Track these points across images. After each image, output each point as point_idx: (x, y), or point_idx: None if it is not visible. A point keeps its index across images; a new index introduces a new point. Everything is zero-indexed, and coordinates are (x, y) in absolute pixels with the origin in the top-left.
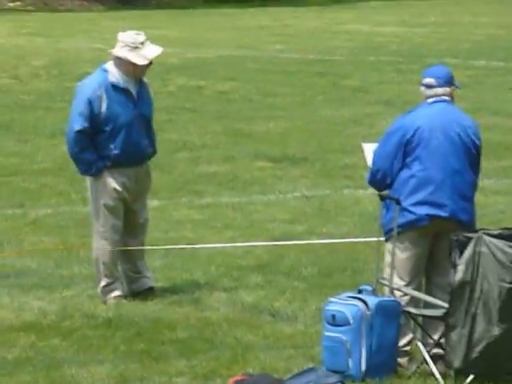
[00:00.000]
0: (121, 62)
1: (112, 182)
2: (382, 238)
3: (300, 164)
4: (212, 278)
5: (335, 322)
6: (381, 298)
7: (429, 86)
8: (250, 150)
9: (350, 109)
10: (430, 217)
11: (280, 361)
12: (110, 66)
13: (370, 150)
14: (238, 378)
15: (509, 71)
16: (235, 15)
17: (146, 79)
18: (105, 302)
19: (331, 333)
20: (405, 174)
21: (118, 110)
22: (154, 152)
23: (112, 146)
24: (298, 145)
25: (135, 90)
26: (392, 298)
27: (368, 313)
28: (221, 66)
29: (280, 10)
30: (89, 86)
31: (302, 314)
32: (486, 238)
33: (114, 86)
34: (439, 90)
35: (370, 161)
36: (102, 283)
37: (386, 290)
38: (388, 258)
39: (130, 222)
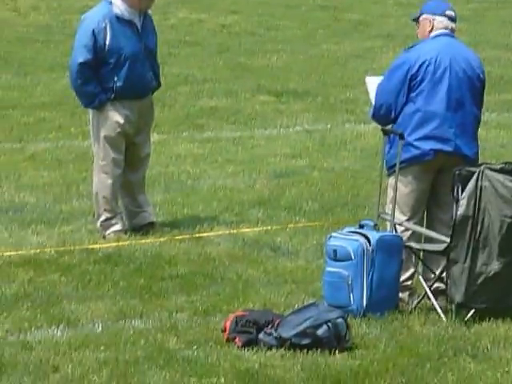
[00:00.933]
0: None
1: (115, 115)
2: (385, 172)
3: (302, 98)
4: (213, 213)
5: (337, 257)
6: (382, 233)
7: (452, 19)
8: (252, 84)
9: (351, 42)
10: (435, 151)
11: (281, 296)
12: None
13: (373, 83)
14: (239, 313)
15: (510, 4)
16: None
17: (150, 12)
18: (104, 237)
19: (333, 268)
20: (409, 108)
21: (123, 41)
22: (159, 85)
23: (116, 78)
24: (299, 79)
25: (140, 22)
26: (393, 233)
27: (369, 248)
28: None
29: None
30: (93, 18)
31: (303, 249)
32: (488, 172)
33: (119, 18)
34: (453, 24)
35: (372, 95)
36: (102, 218)
37: (388, 224)
38: (390, 193)
39: (131, 155)
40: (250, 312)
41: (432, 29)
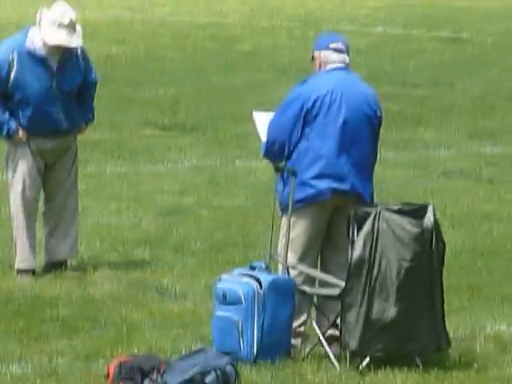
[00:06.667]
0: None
1: (25, 148)
2: (278, 212)
3: (190, 132)
4: (96, 252)
5: (227, 300)
6: (274, 276)
7: (339, 51)
8: (138, 117)
9: (242, 75)
10: (331, 190)
11: (167, 341)
12: (32, 30)
13: (261, 119)
14: (123, 358)
15: (408, 38)
16: None
17: (80, 51)
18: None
19: (222, 312)
20: (303, 144)
21: (30, 78)
22: (72, 127)
23: (21, 115)
24: (188, 112)
25: (56, 61)
26: (286, 276)
27: (261, 291)
28: (107, 28)
29: None
30: (2, 49)
31: (191, 291)
32: (386, 213)
33: (30, 54)
34: (345, 57)
35: (261, 132)
36: None
37: (280, 266)
38: (284, 234)
39: (47, 188)
40: (134, 357)
41: (321, 64)
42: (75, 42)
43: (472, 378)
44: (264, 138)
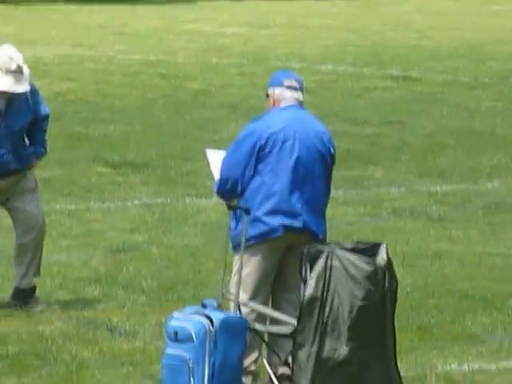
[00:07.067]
0: None
1: None
2: (230, 249)
3: (140, 170)
4: (46, 290)
5: (178, 338)
6: (226, 314)
7: (293, 88)
8: (88, 155)
9: (192, 113)
10: (284, 227)
11: (117, 379)
12: None
13: (214, 157)
14: None
15: (358, 76)
16: (72, 12)
17: (29, 87)
18: None
19: (173, 350)
20: (256, 181)
21: None
22: (22, 166)
23: None
24: (138, 150)
25: (3, 102)
26: (238, 314)
27: (212, 329)
28: (57, 65)
29: (119, 9)
30: None
31: (142, 329)
32: (339, 251)
33: None
34: (299, 95)
35: (214, 170)
36: None
37: (232, 305)
38: (235, 272)
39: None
40: None
41: (275, 102)
42: (22, 87)
43: None
44: (217, 176)
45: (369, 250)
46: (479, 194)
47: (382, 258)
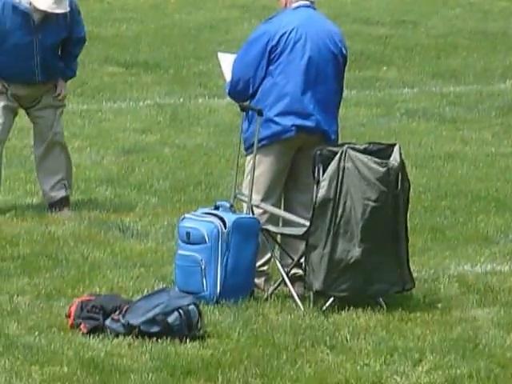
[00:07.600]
0: None
1: (3, 90)
2: (242, 151)
3: (152, 70)
4: None
5: (190, 239)
6: (238, 215)
7: None
8: (100, 55)
9: (204, 13)
10: (297, 127)
11: (129, 280)
12: None
13: (226, 60)
14: (84, 298)
15: None
16: None
17: (68, 8)
18: None
19: (185, 251)
20: (268, 82)
21: (10, 29)
22: (47, 80)
23: None
24: (150, 50)
25: (40, 16)
26: (250, 216)
27: (225, 231)
28: None
29: None
30: None
31: (153, 230)
32: (352, 152)
33: (14, 7)
34: None
35: (227, 72)
36: None
37: (244, 206)
38: (248, 173)
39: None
40: (96, 297)
41: (287, 2)
42: (61, 8)
43: (436, 318)
44: (229, 78)
45: (381, 151)
46: (492, 94)
47: (394, 159)
